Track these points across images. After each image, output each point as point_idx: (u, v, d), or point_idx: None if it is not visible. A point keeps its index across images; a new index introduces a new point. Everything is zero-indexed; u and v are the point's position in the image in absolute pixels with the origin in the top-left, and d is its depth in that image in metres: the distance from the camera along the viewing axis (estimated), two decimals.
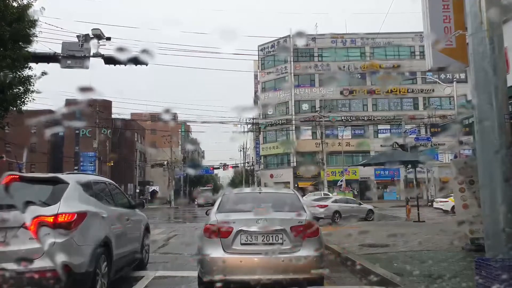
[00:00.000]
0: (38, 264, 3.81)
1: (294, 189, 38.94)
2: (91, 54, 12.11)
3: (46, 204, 4.19)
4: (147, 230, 7.13)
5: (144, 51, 13.08)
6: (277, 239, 4.69)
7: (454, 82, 17.42)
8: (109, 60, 12.32)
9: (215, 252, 4.64)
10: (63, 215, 4.10)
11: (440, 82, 19.71)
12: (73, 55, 11.98)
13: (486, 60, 4.10)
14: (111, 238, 4.89)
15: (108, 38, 12.31)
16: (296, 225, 4.76)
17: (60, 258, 3.85)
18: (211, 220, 4.95)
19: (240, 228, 4.70)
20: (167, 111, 22.97)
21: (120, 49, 12.74)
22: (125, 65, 12.53)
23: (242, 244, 4.67)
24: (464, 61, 8.02)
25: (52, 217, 4.02)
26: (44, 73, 11.87)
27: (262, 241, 4.71)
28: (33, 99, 11.67)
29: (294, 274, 4.46)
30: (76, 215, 4.20)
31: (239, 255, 4.62)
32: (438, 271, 5.68)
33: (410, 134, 21.46)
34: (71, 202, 4.30)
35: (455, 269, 5.87)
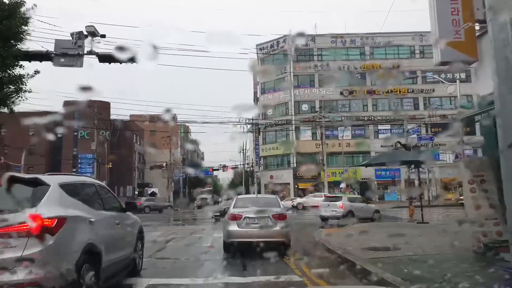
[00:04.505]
0: (7, 278, 3.37)
1: (293, 190, 38.57)
2: (85, 52, 11.72)
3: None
4: (140, 234, 6.73)
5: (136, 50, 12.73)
6: (265, 221, 8.73)
7: (457, 81, 17.05)
8: (104, 58, 11.94)
9: (233, 227, 8.75)
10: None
11: (443, 80, 19.30)
12: (67, 53, 11.60)
13: (508, 47, 3.73)
14: (99, 244, 4.49)
15: (103, 36, 11.93)
16: (274, 213, 8.82)
17: (34, 270, 3.45)
18: (231, 211, 9.13)
19: (246, 216, 8.75)
20: (167, 111, 22.48)
21: (119, 48, 12.41)
22: (120, 63, 12.16)
23: (247, 223, 8.74)
24: (473, 55, 7.67)
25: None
26: (36, 72, 11.51)
27: (257, 222, 8.75)
28: (26, 99, 11.31)
29: (273, 238, 8.63)
30: (55, 220, 3.79)
31: (246, 229, 8.67)
32: (452, 277, 5.29)
33: (412, 133, 20.95)
34: (50, 207, 3.90)
35: (471, 274, 5.48)
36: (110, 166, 48.69)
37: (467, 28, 7.38)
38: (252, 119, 47.58)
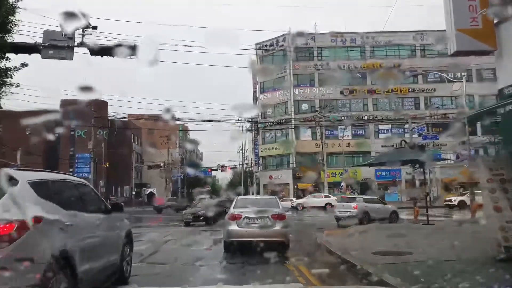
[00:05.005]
0: None
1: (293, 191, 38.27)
2: (76, 44, 11.12)
3: None
4: (128, 237, 6.11)
5: (135, 45, 12.13)
6: (264, 221, 8.83)
7: (464, 78, 16.46)
8: (96, 51, 11.34)
9: (233, 227, 8.89)
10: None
11: (448, 78, 18.64)
12: (56, 45, 11.00)
13: None
14: (75, 251, 3.89)
15: (95, 27, 11.33)
16: (273, 214, 8.93)
17: None
18: (231, 212, 9.28)
19: (245, 216, 8.89)
20: (167, 111, 21.99)
21: (116, 45, 11.86)
22: (113, 57, 11.55)
23: (246, 223, 8.86)
24: (491, 44, 7.09)
25: None
26: (24, 65, 10.92)
27: (257, 222, 8.86)
28: (11, 93, 10.70)
29: (272, 238, 8.65)
30: (17, 224, 3.19)
31: (245, 229, 8.79)
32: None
33: (417, 132, 20.21)
34: (13, 208, 3.29)
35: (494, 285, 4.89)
36: (107, 165, 48.10)
37: (486, 13, 6.80)
38: (251, 119, 46.96)
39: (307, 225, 18.63)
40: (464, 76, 16.27)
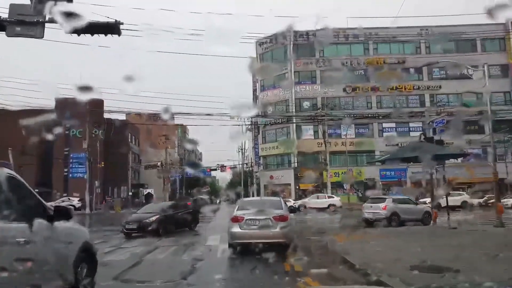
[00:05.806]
0: None
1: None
2: (46, 19, 9.50)
3: None
4: (86, 253, 4.45)
5: (118, 21, 10.58)
6: (266, 222, 9.03)
7: (485, 66, 14.86)
8: (70, 28, 9.71)
9: (236, 229, 9.19)
10: None
11: (468, 67, 17.05)
12: (24, 20, 9.39)
13: None
14: None
15: (70, 0, 9.71)
16: (275, 215, 9.12)
17: None
18: (234, 214, 9.56)
19: (248, 218, 9.17)
20: (166, 110, 20.74)
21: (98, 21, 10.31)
22: (92, 35, 9.97)
23: (248, 225, 9.13)
24: None
25: None
26: None
27: (259, 223, 9.10)
28: None
29: (274, 239, 8.76)
30: None
31: (247, 230, 9.09)
32: None
33: (436, 125, 18.58)
34: None
35: None
36: (103, 165, 46.45)
37: None
38: (252, 118, 45.27)
39: (313, 228, 17.06)
40: (486, 64, 14.68)
